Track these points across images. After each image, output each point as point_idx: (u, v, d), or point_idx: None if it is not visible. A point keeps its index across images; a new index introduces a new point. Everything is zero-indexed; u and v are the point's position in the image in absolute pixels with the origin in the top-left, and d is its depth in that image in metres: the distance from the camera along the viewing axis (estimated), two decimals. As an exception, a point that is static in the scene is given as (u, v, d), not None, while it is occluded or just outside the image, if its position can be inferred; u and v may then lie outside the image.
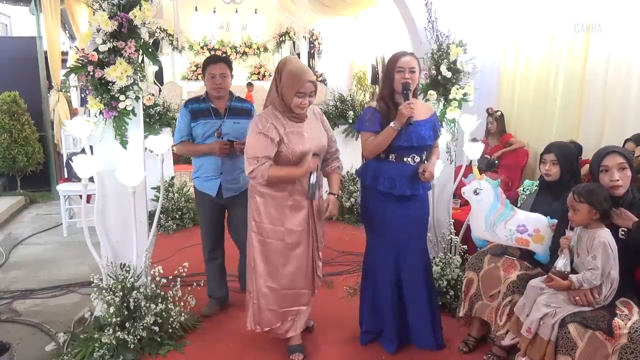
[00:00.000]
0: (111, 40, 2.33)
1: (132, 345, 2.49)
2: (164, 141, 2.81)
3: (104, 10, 2.31)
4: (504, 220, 2.58)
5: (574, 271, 2.16)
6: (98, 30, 2.32)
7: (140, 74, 2.45)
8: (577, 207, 2.11)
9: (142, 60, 2.57)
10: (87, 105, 3.90)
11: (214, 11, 10.60)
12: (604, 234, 2.08)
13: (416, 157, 2.50)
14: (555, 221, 2.44)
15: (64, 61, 7.03)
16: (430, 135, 2.53)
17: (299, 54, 10.38)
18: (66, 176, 4.76)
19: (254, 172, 2.29)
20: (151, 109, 4.66)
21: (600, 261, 2.04)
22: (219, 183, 2.88)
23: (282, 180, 2.35)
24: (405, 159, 2.50)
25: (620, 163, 2.16)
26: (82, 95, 8.04)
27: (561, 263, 2.16)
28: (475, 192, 2.64)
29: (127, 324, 2.50)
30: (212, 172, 2.88)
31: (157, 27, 9.24)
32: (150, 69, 9.03)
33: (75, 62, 2.39)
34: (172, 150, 4.52)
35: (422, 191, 2.56)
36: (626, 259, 2.12)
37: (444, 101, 3.15)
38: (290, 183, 2.38)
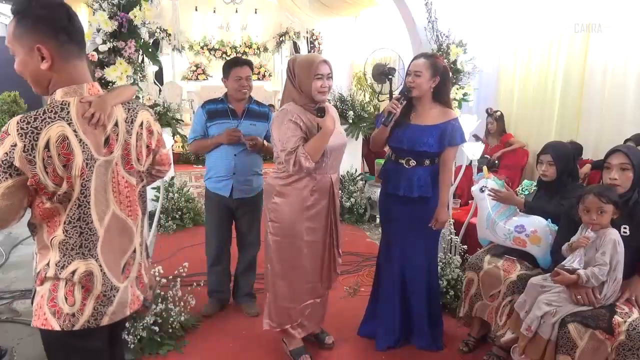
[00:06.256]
0: (111, 40, 2.33)
1: (132, 345, 2.50)
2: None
3: (104, 10, 2.32)
4: (504, 219, 2.59)
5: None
6: (98, 30, 2.33)
7: (140, 74, 2.45)
8: (605, 209, 2.09)
9: (142, 60, 2.57)
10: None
11: (214, 11, 10.58)
12: (614, 232, 2.10)
13: (412, 161, 2.48)
14: (556, 227, 2.44)
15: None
16: (429, 142, 2.42)
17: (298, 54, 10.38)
18: (66, 176, 4.75)
19: (296, 166, 2.20)
20: (151, 109, 4.65)
21: (608, 257, 2.06)
22: (231, 184, 2.86)
23: (321, 149, 2.23)
24: (400, 160, 2.52)
25: (623, 163, 2.16)
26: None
27: (576, 261, 2.14)
28: (481, 190, 2.68)
29: (127, 324, 2.50)
30: (225, 172, 2.86)
31: (157, 27, 9.21)
32: (150, 69, 9.02)
33: (75, 62, 2.39)
34: (172, 149, 4.51)
35: (419, 194, 2.47)
36: (627, 256, 2.13)
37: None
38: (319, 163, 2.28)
